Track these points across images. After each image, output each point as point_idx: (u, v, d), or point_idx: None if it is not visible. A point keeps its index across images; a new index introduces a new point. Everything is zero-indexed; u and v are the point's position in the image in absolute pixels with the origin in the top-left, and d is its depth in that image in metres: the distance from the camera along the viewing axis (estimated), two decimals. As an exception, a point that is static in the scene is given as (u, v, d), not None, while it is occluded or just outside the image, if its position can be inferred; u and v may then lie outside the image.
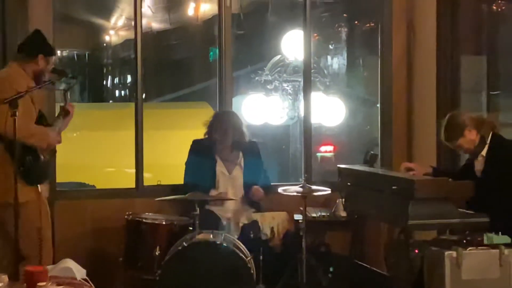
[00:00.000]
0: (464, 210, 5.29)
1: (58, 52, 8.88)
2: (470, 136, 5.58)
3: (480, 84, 7.27)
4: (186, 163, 6.63)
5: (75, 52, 12.48)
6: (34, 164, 5.45)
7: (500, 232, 5.12)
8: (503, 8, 7.23)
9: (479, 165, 5.63)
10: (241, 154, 6.62)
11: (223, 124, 6.51)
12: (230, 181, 6.57)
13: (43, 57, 5.62)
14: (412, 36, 7.35)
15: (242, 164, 6.61)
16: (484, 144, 5.57)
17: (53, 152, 5.71)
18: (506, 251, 5.08)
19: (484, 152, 5.58)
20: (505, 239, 5.11)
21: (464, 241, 5.15)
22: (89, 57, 13.51)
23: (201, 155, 6.53)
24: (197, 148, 6.61)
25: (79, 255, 5.75)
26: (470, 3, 7.23)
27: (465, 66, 7.12)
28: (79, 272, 4.47)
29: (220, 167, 6.56)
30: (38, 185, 5.51)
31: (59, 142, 5.69)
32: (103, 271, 6.06)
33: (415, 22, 7.32)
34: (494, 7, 7.23)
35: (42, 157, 5.50)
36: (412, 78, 7.35)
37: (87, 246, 6.61)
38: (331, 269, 6.55)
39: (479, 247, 5.10)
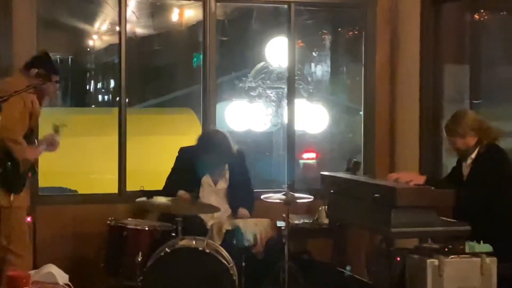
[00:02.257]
0: (446, 219, 5.31)
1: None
2: (470, 141, 5.57)
3: (462, 92, 7.31)
4: (173, 169, 6.62)
5: (58, 56, 12.42)
6: (13, 171, 5.52)
7: (481, 241, 5.15)
8: (486, 17, 7.28)
9: (466, 169, 5.64)
10: (227, 165, 6.61)
11: (211, 149, 6.45)
12: (215, 192, 6.56)
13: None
14: (396, 45, 7.39)
15: (228, 176, 6.61)
16: (476, 148, 5.58)
17: (34, 169, 5.82)
18: (487, 260, 5.10)
19: (473, 155, 5.59)
20: (487, 247, 5.13)
21: (446, 250, 5.16)
22: (72, 62, 13.45)
23: (188, 163, 6.51)
24: (184, 156, 6.59)
25: (61, 260, 5.72)
26: (453, 12, 7.27)
27: (447, 74, 7.16)
28: (62, 278, 4.46)
29: (206, 179, 6.56)
30: (12, 194, 5.55)
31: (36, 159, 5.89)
32: (85, 277, 6.04)
33: (399, 31, 7.35)
34: (477, 17, 7.27)
35: (21, 168, 5.58)
36: (395, 86, 7.39)
37: (69, 251, 6.59)
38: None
39: (461, 256, 5.12)
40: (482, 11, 7.23)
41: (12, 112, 5.42)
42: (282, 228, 6.28)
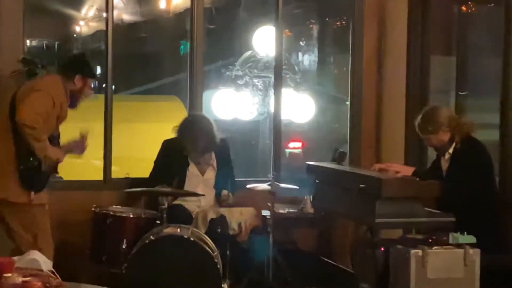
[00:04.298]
0: (431, 210, 5.33)
1: (27, 42, 8.84)
2: (443, 137, 5.60)
3: (448, 84, 7.33)
4: (155, 163, 6.57)
5: (45, 42, 12.38)
6: (35, 169, 5.52)
7: (465, 232, 5.17)
8: (473, 9, 7.30)
9: (444, 164, 5.67)
10: (213, 154, 6.58)
11: (193, 132, 6.39)
12: (202, 182, 6.52)
13: (81, 77, 5.76)
14: (383, 35, 7.39)
15: (215, 164, 6.58)
16: (452, 143, 5.60)
17: (54, 168, 5.78)
18: (471, 251, 5.13)
19: (450, 150, 5.61)
20: (470, 239, 5.15)
21: (430, 240, 5.18)
22: (59, 48, 13.41)
23: (172, 156, 6.47)
24: (168, 149, 6.54)
25: (45, 246, 5.71)
26: (441, 4, 7.28)
27: (434, 66, 7.17)
28: (46, 264, 4.44)
29: (192, 169, 6.51)
30: (32, 192, 5.54)
31: (60, 160, 5.77)
32: (69, 264, 6.00)
33: (386, 22, 7.35)
34: (464, 8, 7.29)
35: (43, 167, 5.58)
36: (382, 76, 7.38)
37: (53, 238, 6.54)
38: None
39: (444, 247, 5.14)
40: (469, 2, 7.24)
41: (37, 108, 5.38)
42: (267, 217, 6.29)
